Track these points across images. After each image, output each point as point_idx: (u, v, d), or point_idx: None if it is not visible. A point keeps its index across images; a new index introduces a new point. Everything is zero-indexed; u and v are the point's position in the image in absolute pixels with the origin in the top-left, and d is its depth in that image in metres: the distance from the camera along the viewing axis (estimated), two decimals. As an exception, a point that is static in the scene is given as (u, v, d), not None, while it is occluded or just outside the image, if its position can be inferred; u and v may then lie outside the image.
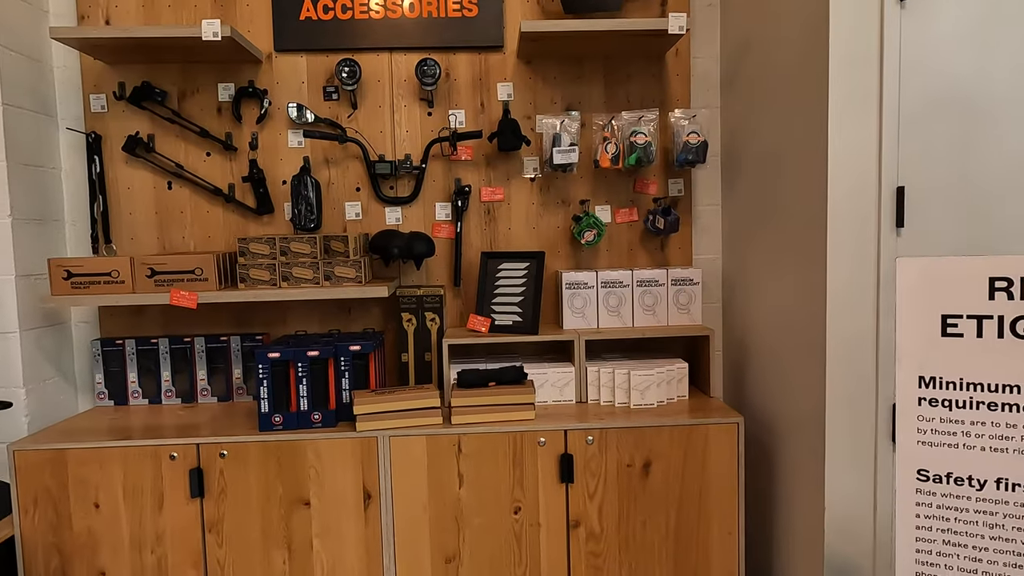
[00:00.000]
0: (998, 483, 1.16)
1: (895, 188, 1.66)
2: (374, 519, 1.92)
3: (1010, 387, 1.14)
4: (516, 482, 1.93)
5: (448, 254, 2.35)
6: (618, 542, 1.95)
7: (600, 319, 2.23)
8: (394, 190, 2.33)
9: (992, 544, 1.16)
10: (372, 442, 1.90)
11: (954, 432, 1.18)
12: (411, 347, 2.24)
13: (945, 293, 1.17)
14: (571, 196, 2.35)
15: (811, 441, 1.80)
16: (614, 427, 1.93)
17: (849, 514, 1.74)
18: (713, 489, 1.95)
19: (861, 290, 1.69)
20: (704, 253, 2.41)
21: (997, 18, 1.63)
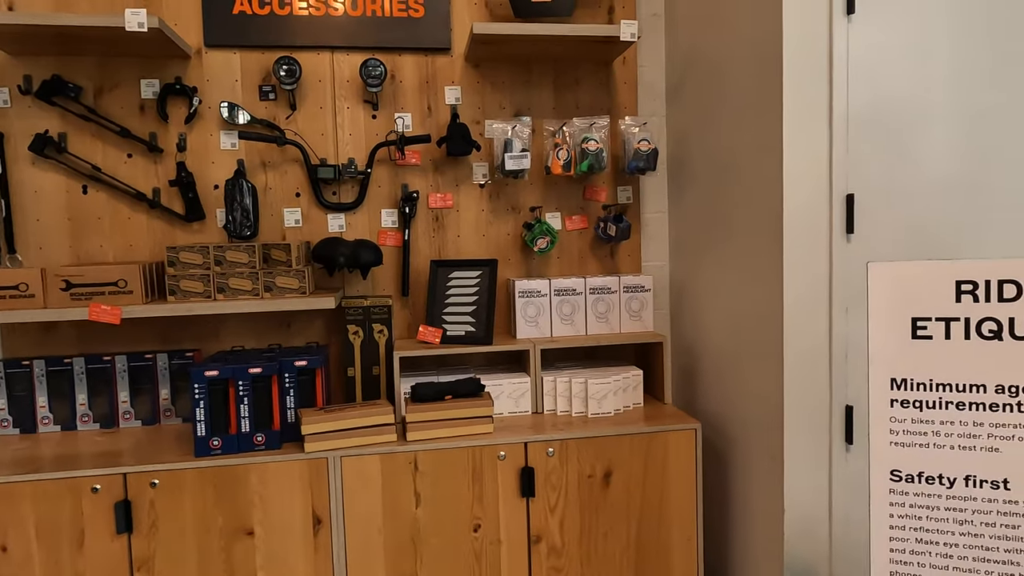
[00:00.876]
0: (967, 480, 1.19)
1: (845, 195, 1.72)
2: (324, 546, 1.79)
3: (976, 386, 1.18)
4: (476, 498, 1.85)
5: (395, 263, 2.25)
6: (580, 556, 1.91)
7: (554, 327, 2.19)
8: (337, 196, 2.22)
9: (962, 540, 1.20)
10: (322, 463, 1.78)
11: (925, 432, 1.21)
12: (358, 361, 2.12)
13: (914, 297, 1.20)
14: (521, 203, 2.31)
15: (769, 444, 1.82)
16: (575, 437, 1.89)
17: (807, 515, 1.77)
18: (673, 496, 1.95)
19: (816, 295, 1.73)
20: (652, 260, 2.43)
21: (935, 31, 1.71)
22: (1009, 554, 1.17)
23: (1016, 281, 1.14)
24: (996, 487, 1.17)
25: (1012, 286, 1.15)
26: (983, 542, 1.19)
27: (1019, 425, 1.16)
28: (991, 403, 1.17)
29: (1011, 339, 1.15)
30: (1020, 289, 1.14)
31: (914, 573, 1.23)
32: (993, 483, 1.17)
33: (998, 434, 1.17)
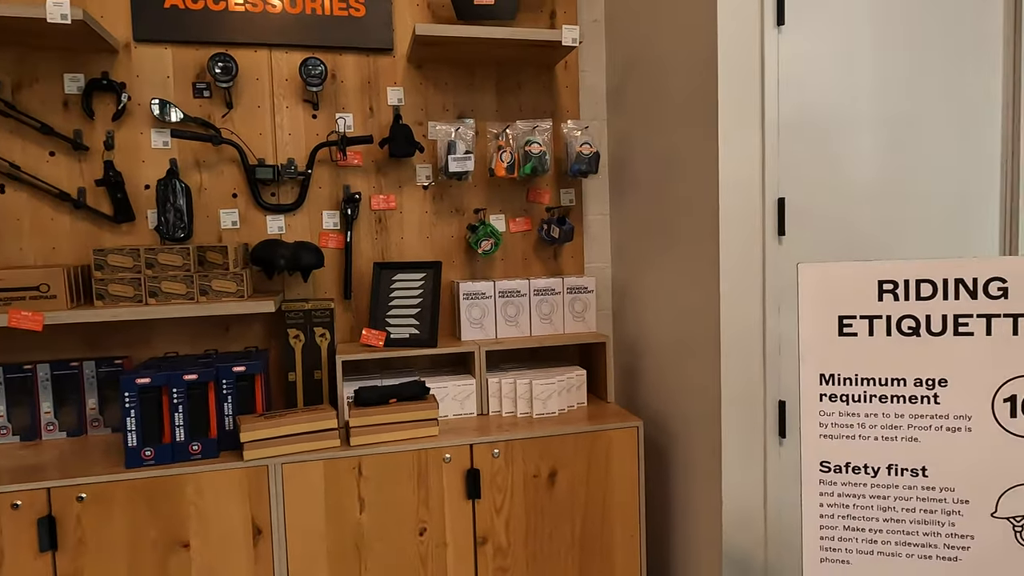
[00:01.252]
0: (889, 469, 1.26)
1: (777, 199, 1.79)
2: (265, 556, 1.75)
3: (897, 380, 1.24)
4: (421, 502, 1.84)
5: (337, 265, 2.22)
6: (525, 556, 1.92)
7: (499, 329, 2.20)
8: (276, 197, 2.17)
9: (886, 526, 1.26)
10: (262, 471, 1.73)
11: (851, 424, 1.27)
12: (299, 365, 2.08)
13: (840, 296, 1.26)
14: (465, 205, 2.31)
15: (708, 439, 1.88)
16: (520, 438, 1.91)
17: (743, 506, 1.83)
18: (616, 493, 1.99)
19: (750, 294, 1.80)
20: (595, 261, 2.47)
21: (858, 43, 1.80)
22: (928, 537, 1.25)
23: (932, 280, 1.22)
24: (915, 475, 1.25)
25: (928, 285, 1.22)
26: (904, 527, 1.26)
27: (935, 416, 1.23)
28: (910, 395, 1.24)
29: (928, 335, 1.22)
30: (935, 288, 1.22)
31: (843, 559, 1.29)
32: (913, 471, 1.25)
33: (917, 424, 1.24)
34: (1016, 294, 1.18)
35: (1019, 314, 1.18)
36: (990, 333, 1.20)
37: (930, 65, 1.87)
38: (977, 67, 1.91)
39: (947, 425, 1.22)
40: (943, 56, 1.88)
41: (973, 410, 1.21)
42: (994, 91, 1.93)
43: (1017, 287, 1.18)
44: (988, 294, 1.19)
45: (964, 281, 1.20)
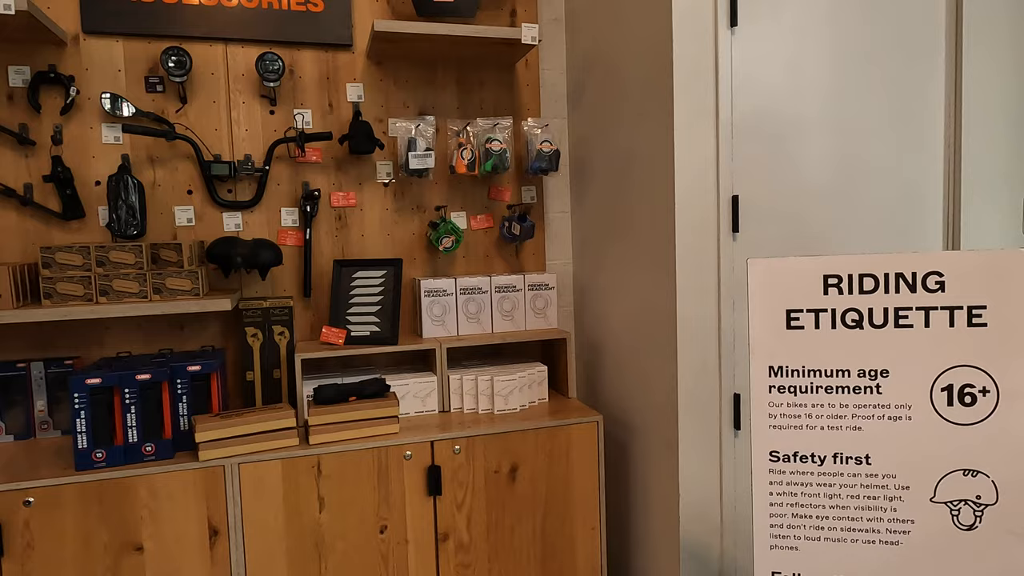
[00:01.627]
0: (835, 458, 1.30)
1: (731, 197, 1.83)
2: (222, 557, 1.72)
3: (841, 371, 1.29)
4: (382, 500, 1.84)
5: (296, 263, 2.19)
6: (487, 551, 1.93)
7: (460, 326, 2.21)
8: (233, 194, 2.13)
9: (832, 512, 1.31)
10: (218, 472, 1.71)
11: (799, 415, 1.31)
12: (257, 364, 2.06)
13: (788, 290, 1.30)
14: (427, 202, 2.31)
15: (665, 433, 1.91)
16: (481, 434, 1.91)
17: (700, 498, 1.87)
18: (576, 488, 2.01)
19: (705, 290, 1.83)
20: (556, 259, 2.49)
21: (809, 48, 1.85)
22: (871, 523, 1.29)
23: (873, 275, 1.26)
24: (859, 463, 1.29)
25: (870, 279, 1.26)
26: (849, 513, 1.30)
27: (878, 405, 1.28)
28: (854, 386, 1.28)
29: (870, 327, 1.27)
30: (877, 282, 1.26)
31: (791, 545, 1.33)
32: (857, 459, 1.29)
33: (861, 414, 1.28)
34: (952, 288, 1.23)
35: (955, 307, 1.23)
36: (928, 325, 1.25)
37: (877, 68, 1.93)
38: (921, 71, 1.98)
39: (889, 414, 1.27)
40: (890, 59, 1.95)
41: (913, 399, 1.26)
42: (937, 94, 2.00)
43: (953, 281, 1.23)
44: (926, 288, 1.24)
45: (904, 275, 1.25)
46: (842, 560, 1.30)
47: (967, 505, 1.25)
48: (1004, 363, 1.22)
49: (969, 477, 1.25)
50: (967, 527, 1.25)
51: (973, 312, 1.23)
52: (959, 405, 1.24)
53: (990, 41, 2.06)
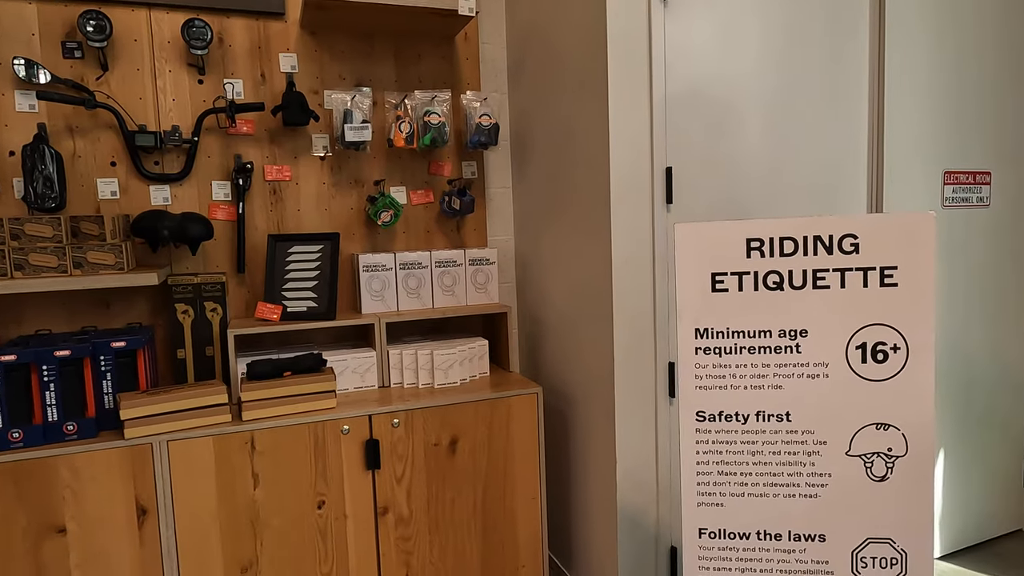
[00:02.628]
0: (757, 416, 1.34)
1: (665, 168, 1.86)
2: (152, 537, 1.68)
3: (763, 332, 1.33)
4: (319, 475, 1.81)
5: (229, 238, 2.13)
6: (428, 523, 1.94)
7: (400, 301, 2.19)
8: (160, 166, 2.06)
9: (755, 469, 1.35)
10: (145, 450, 1.66)
11: (723, 376, 1.35)
12: (188, 342, 2.00)
13: (713, 254, 1.33)
14: (365, 176, 2.27)
15: (603, 403, 1.94)
16: (420, 407, 1.91)
17: (636, 465, 1.91)
18: (517, 459, 2.02)
19: (640, 260, 1.86)
20: (498, 234, 2.48)
21: (740, 21, 1.89)
22: (791, 477, 1.34)
23: (793, 238, 1.30)
24: (780, 420, 1.33)
25: (790, 242, 1.30)
26: (771, 469, 1.35)
27: (797, 364, 1.32)
28: (775, 346, 1.32)
29: (790, 289, 1.31)
30: (796, 245, 1.30)
31: (717, 502, 1.37)
32: (778, 416, 1.33)
33: (781, 373, 1.33)
34: (866, 249, 1.28)
35: (869, 268, 1.28)
36: (844, 286, 1.29)
37: (806, 45, 1.98)
38: (847, 48, 2.04)
39: (808, 372, 1.32)
40: (818, 37, 2.00)
41: (830, 357, 1.31)
42: (861, 70, 2.07)
43: (867, 243, 1.28)
44: (842, 250, 1.29)
45: (821, 238, 1.29)
46: (764, 514, 1.35)
47: (879, 457, 1.31)
48: (913, 321, 1.27)
49: (881, 431, 1.31)
50: (879, 478, 1.31)
51: (885, 273, 1.28)
52: (872, 362, 1.30)
53: (912, 20, 2.14)
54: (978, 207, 2.30)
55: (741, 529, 1.37)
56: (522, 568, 2.05)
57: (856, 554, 1.34)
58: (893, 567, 1.33)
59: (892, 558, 1.33)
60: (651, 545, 1.94)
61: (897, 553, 1.32)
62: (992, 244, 2.36)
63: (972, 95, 2.27)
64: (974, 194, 2.29)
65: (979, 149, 2.30)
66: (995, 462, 2.46)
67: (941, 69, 2.21)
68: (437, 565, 1.95)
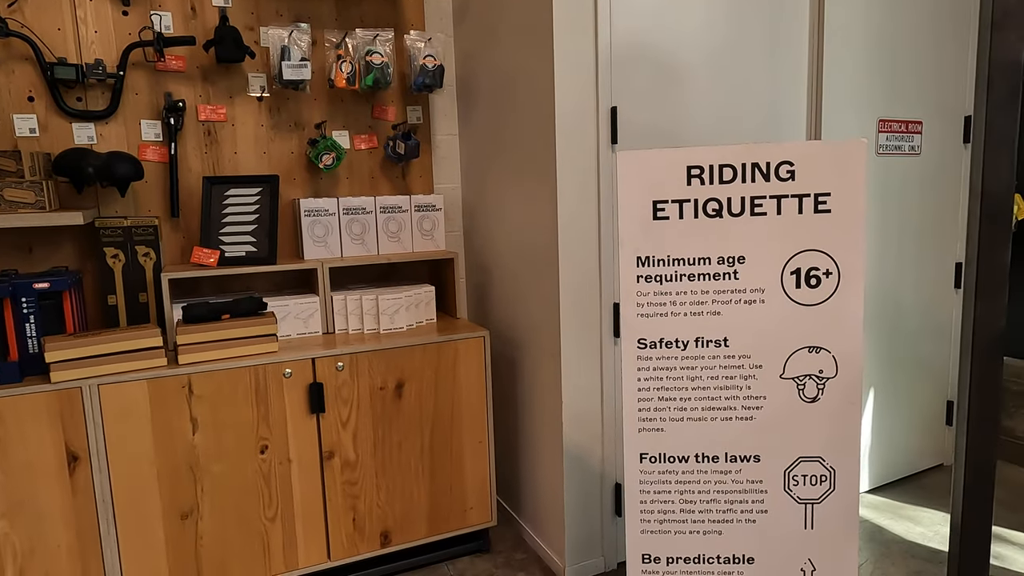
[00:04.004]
0: (696, 342, 1.37)
1: (610, 108, 1.85)
2: (84, 484, 1.62)
3: (703, 259, 1.35)
4: (261, 419, 1.78)
5: (161, 181, 2.04)
6: (375, 467, 1.93)
7: (344, 247, 2.14)
8: (83, 102, 1.94)
9: (694, 394, 1.38)
10: (74, 394, 1.59)
11: (663, 303, 1.36)
12: (120, 287, 1.92)
13: (655, 181, 1.33)
14: (305, 119, 2.20)
15: (550, 345, 1.95)
16: (365, 351, 1.88)
17: (582, 405, 1.93)
18: (464, 402, 2.03)
19: (585, 202, 1.86)
20: (445, 182, 2.45)
21: (682, -38, 1.88)
22: (728, 401, 1.38)
23: (732, 165, 1.32)
24: (719, 345, 1.37)
25: (729, 169, 1.32)
26: (709, 393, 1.38)
27: (735, 290, 1.35)
28: (714, 273, 1.35)
29: (729, 216, 1.33)
30: (735, 172, 1.32)
31: (657, 427, 1.40)
32: (716, 342, 1.36)
33: (720, 299, 1.35)
34: (801, 176, 1.31)
35: (804, 194, 1.31)
36: (780, 213, 1.32)
37: None
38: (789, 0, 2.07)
39: (745, 298, 1.35)
40: (759, -22, 2.01)
41: (766, 283, 1.34)
42: (802, 21, 2.10)
43: (802, 170, 1.30)
44: (779, 177, 1.31)
45: (759, 165, 1.31)
46: (702, 437, 1.39)
47: (811, 379, 1.36)
48: (844, 246, 1.31)
49: (813, 354, 1.35)
50: (811, 399, 1.36)
51: (819, 199, 1.31)
52: (806, 287, 1.33)
53: (851, -32, 2.17)
54: (910, 155, 2.38)
55: (680, 453, 1.40)
56: (470, 510, 2.07)
57: (788, 473, 1.39)
58: (822, 483, 1.39)
59: (822, 475, 1.38)
60: (596, 483, 1.98)
61: (826, 471, 1.38)
62: (922, 192, 2.45)
63: (906, 49, 2.33)
64: (906, 143, 2.36)
65: (912, 100, 2.37)
66: (920, 401, 2.59)
67: (878, 23, 2.25)
68: (384, 508, 1.95)
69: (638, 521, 1.43)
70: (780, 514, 1.40)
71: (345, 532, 1.91)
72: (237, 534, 1.79)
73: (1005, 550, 2.09)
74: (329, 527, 1.89)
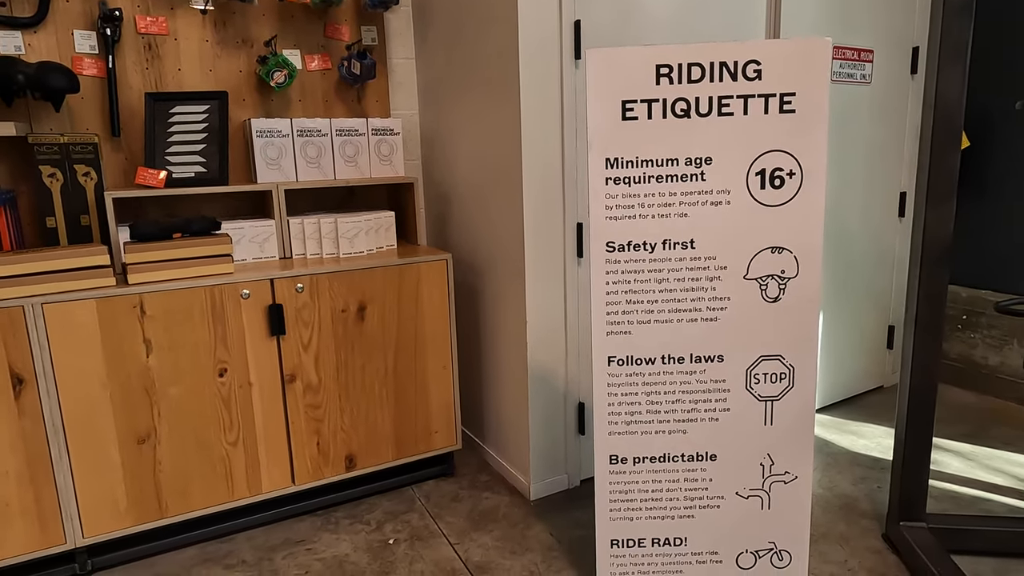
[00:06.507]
0: (664, 244, 1.38)
1: (574, 21, 1.82)
2: (31, 408, 1.55)
3: (671, 160, 1.35)
4: (218, 341, 1.73)
5: (99, 97, 1.92)
6: (337, 390, 1.90)
7: (299, 171, 2.07)
8: (8, 8, 1.79)
9: (660, 296, 1.40)
10: (15, 313, 1.51)
11: (632, 205, 1.37)
12: (59, 209, 1.81)
13: (623, 81, 1.32)
14: (254, 35, 2.09)
15: (513, 268, 1.95)
16: (325, 272, 1.84)
17: (546, 326, 1.94)
18: (427, 326, 2.01)
19: (549, 120, 1.84)
20: (402, 108, 2.38)
21: None
22: (694, 303, 1.40)
23: (701, 64, 1.31)
24: (685, 247, 1.38)
25: (698, 68, 1.31)
26: (675, 295, 1.40)
27: (702, 192, 1.36)
28: (682, 174, 1.35)
29: (697, 116, 1.33)
30: (703, 71, 1.31)
31: (625, 330, 1.41)
32: (683, 244, 1.38)
33: (687, 201, 1.36)
34: (768, 75, 1.31)
35: (770, 94, 1.32)
36: (747, 113, 1.33)
37: (710, -98, 1.97)
38: (750, -91, 2.05)
39: (711, 200, 1.36)
40: None
41: (732, 184, 1.35)
42: (763, -65, 2.09)
43: (769, 69, 1.31)
44: (746, 76, 1.31)
45: (727, 64, 1.31)
46: (668, 339, 1.41)
47: (773, 279, 1.39)
48: (807, 147, 1.34)
49: (776, 254, 1.38)
50: (773, 299, 1.40)
51: (784, 99, 1.32)
52: (770, 188, 1.36)
53: None
54: (861, 83, 2.43)
55: (647, 355, 1.43)
56: (435, 434, 2.07)
57: (750, 371, 1.43)
58: (782, 381, 1.44)
59: (781, 373, 1.43)
60: (560, 402, 2.01)
61: (786, 368, 1.43)
62: (871, 121, 2.51)
63: (861, -26, 2.35)
64: (858, 71, 2.41)
65: (865, 28, 2.41)
66: (863, 326, 2.71)
67: (835, -57, 2.26)
68: (349, 432, 1.94)
69: (606, 423, 1.46)
70: (741, 412, 1.45)
71: (309, 456, 1.89)
72: (197, 459, 1.75)
73: (939, 455, 2.23)
74: (293, 451, 1.87)
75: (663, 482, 1.49)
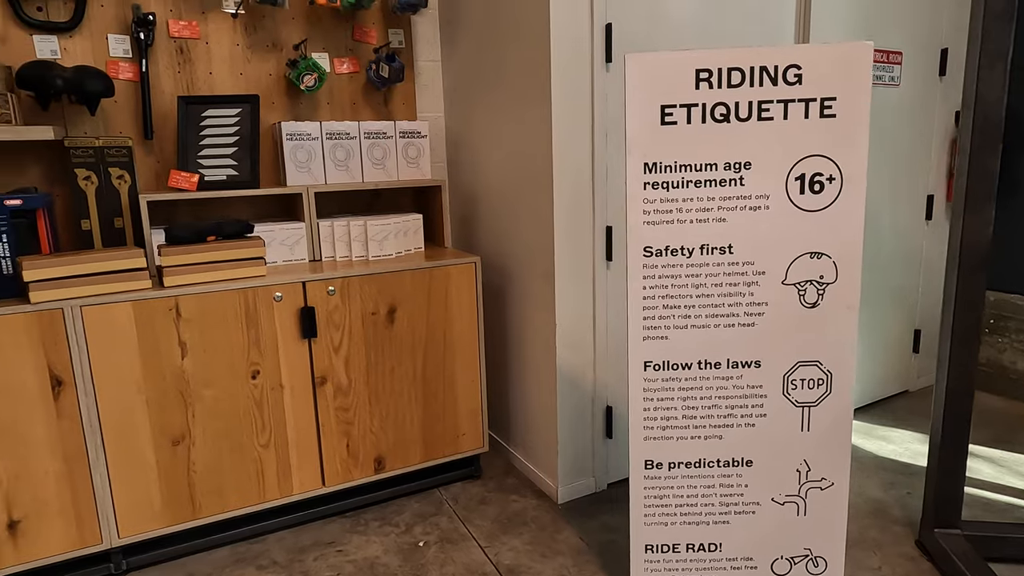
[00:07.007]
0: (702, 249, 1.38)
1: (605, 25, 1.81)
2: (70, 409, 1.57)
3: (709, 165, 1.35)
4: (252, 344, 1.74)
5: (133, 100, 1.93)
6: (367, 393, 1.91)
7: (328, 174, 2.07)
8: (44, 12, 1.81)
9: (698, 301, 1.40)
10: (55, 315, 1.52)
11: (670, 210, 1.36)
12: (94, 212, 1.82)
13: (663, 85, 1.32)
14: (283, 39, 2.10)
15: (542, 270, 1.94)
16: (356, 275, 1.85)
17: (575, 329, 1.94)
18: (456, 327, 2.01)
19: (579, 122, 1.84)
20: (428, 111, 2.39)
21: None
22: (731, 308, 1.40)
23: (741, 68, 1.31)
24: (723, 252, 1.38)
25: (738, 73, 1.31)
26: (713, 300, 1.40)
27: (741, 197, 1.35)
28: (720, 179, 1.35)
29: (736, 121, 1.33)
30: (743, 76, 1.31)
31: (662, 335, 1.41)
32: (721, 249, 1.38)
33: (725, 206, 1.36)
34: (809, 80, 1.31)
35: (810, 99, 1.31)
36: (787, 118, 1.32)
37: (741, -96, 1.96)
38: (780, -89, 2.04)
39: (750, 205, 1.36)
40: None
41: (771, 189, 1.35)
42: (793, -63, 2.08)
43: (810, 74, 1.30)
44: (786, 80, 1.31)
45: (767, 69, 1.30)
46: (705, 344, 1.41)
47: (812, 285, 1.39)
48: (848, 151, 1.33)
49: (815, 259, 1.37)
50: (811, 305, 1.39)
51: (825, 104, 1.32)
52: (809, 193, 1.35)
53: None
54: (890, 86, 2.41)
55: (684, 360, 1.42)
56: (463, 436, 2.08)
57: (787, 377, 1.43)
58: (819, 387, 1.43)
59: (819, 379, 1.43)
60: (588, 405, 2.01)
61: (823, 374, 1.42)
62: (899, 123, 2.49)
63: (890, -25, 2.33)
64: (887, 73, 2.39)
65: (893, 30, 2.39)
66: (889, 330, 2.69)
67: (864, -56, 2.25)
68: (378, 434, 1.94)
69: (641, 428, 1.46)
70: (778, 417, 1.44)
71: (339, 458, 1.90)
72: (230, 460, 1.76)
73: (968, 461, 2.21)
74: (323, 453, 1.87)
75: (698, 488, 1.48)
